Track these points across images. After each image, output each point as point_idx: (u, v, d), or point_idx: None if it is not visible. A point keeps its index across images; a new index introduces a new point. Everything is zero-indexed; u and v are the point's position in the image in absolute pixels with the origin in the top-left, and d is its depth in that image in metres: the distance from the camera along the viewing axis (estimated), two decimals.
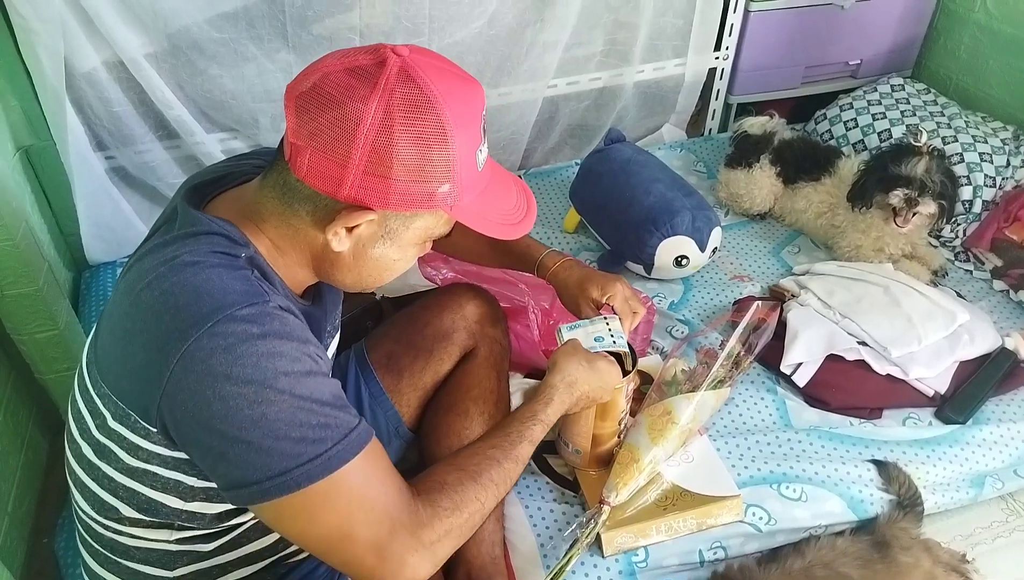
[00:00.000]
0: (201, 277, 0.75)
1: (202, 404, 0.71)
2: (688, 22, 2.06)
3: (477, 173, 0.83)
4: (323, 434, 0.74)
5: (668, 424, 1.22)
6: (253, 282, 0.77)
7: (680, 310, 1.65)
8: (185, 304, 0.73)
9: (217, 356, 0.71)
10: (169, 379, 0.72)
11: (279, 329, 0.75)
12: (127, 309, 0.78)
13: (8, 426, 1.40)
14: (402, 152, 0.76)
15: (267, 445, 0.72)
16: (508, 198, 0.90)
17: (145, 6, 1.55)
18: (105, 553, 0.89)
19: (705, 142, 2.22)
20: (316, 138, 0.76)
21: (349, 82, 0.76)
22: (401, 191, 0.78)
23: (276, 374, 0.73)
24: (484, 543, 1.13)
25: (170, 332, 0.72)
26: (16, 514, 1.35)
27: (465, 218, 0.84)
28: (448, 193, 0.80)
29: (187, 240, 0.79)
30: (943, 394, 1.43)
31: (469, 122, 0.80)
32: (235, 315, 0.73)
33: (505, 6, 1.84)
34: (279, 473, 0.72)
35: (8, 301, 1.31)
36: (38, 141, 1.61)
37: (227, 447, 0.72)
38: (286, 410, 0.73)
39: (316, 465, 0.73)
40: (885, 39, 2.22)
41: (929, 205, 1.60)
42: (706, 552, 1.19)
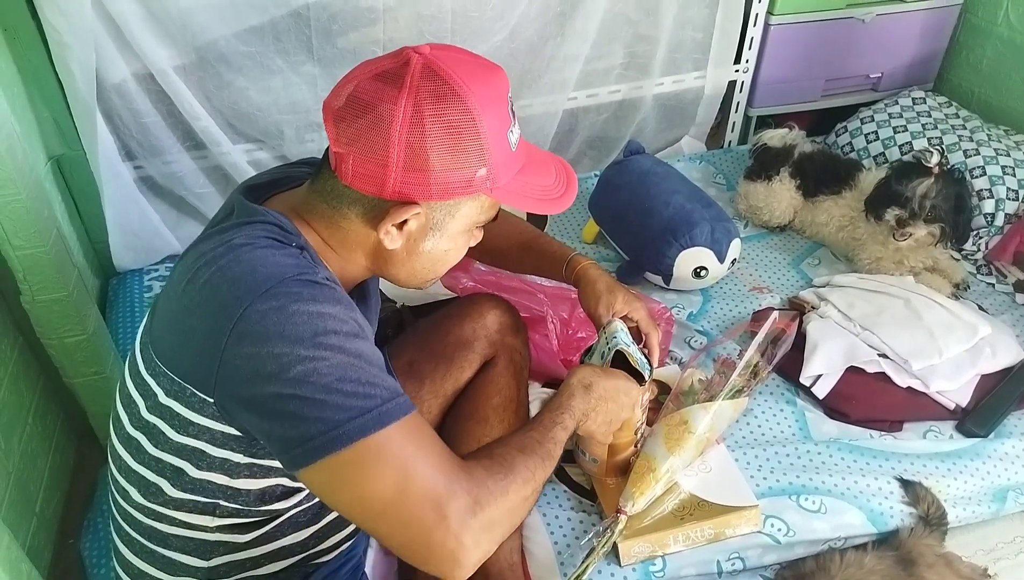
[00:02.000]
0: (255, 254, 0.79)
1: (257, 364, 0.74)
2: (708, 35, 2.07)
3: (511, 154, 0.87)
4: (373, 391, 0.76)
5: (685, 434, 1.22)
6: (305, 258, 0.82)
7: (698, 321, 1.65)
8: (241, 275, 0.77)
9: (271, 316, 0.74)
10: (227, 346, 0.75)
11: (328, 294, 0.79)
12: (184, 287, 0.81)
13: (37, 429, 1.43)
14: (435, 143, 0.80)
15: (320, 398, 0.73)
16: (547, 175, 0.93)
17: (174, 20, 1.58)
18: (142, 541, 0.91)
19: (724, 154, 2.22)
20: (355, 144, 0.81)
21: (378, 87, 0.81)
22: (441, 181, 0.82)
23: (326, 331, 0.76)
24: (502, 549, 1.13)
25: (227, 301, 0.76)
26: (44, 515, 1.38)
27: (505, 198, 0.87)
28: (486, 176, 0.84)
29: (243, 227, 0.83)
30: (964, 407, 1.42)
31: (495, 106, 0.83)
32: (285, 280, 0.77)
33: (527, 20, 1.86)
34: (332, 426, 0.73)
35: (39, 306, 1.34)
36: (69, 151, 1.65)
37: (282, 405, 0.74)
38: (337, 365, 0.75)
39: (369, 419, 0.74)
40: (906, 52, 2.22)
41: (920, 228, 1.61)
42: (724, 563, 1.19)
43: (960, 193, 1.64)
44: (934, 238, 1.64)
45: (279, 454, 0.77)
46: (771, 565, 1.23)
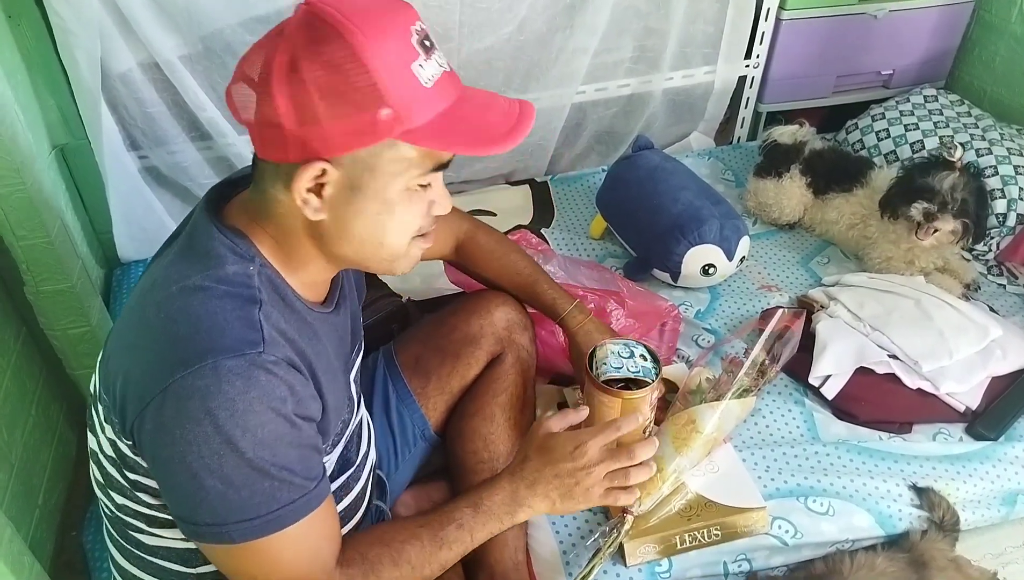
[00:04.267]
0: (205, 309, 0.75)
1: (168, 440, 0.73)
2: (719, 30, 2.05)
3: (424, 90, 0.75)
4: (271, 497, 0.76)
5: (692, 433, 1.21)
6: (255, 324, 0.76)
7: (706, 319, 1.63)
8: (182, 336, 0.74)
9: (195, 400, 0.72)
10: (149, 406, 0.74)
11: (263, 384, 0.74)
12: (135, 321, 0.80)
13: (40, 421, 1.43)
14: (318, 88, 0.72)
15: (218, 492, 0.74)
16: (491, 108, 0.81)
17: (180, 9, 1.57)
18: (130, 548, 0.90)
19: (734, 150, 2.20)
20: (247, 109, 0.75)
21: (257, 46, 0.76)
22: (339, 130, 0.73)
23: (243, 432, 0.73)
24: (507, 548, 1.13)
25: (161, 362, 0.74)
26: (46, 507, 1.37)
27: (422, 140, 0.76)
28: (392, 118, 0.73)
29: (198, 260, 0.79)
30: (974, 410, 1.41)
31: (391, 37, 0.73)
32: (221, 364, 0.72)
33: (535, 12, 1.84)
34: (219, 523, 0.75)
35: (43, 297, 1.34)
36: (73, 140, 1.64)
37: (178, 483, 0.75)
38: (243, 469, 0.74)
39: (254, 525, 0.76)
40: (918, 49, 2.20)
41: (948, 222, 1.58)
42: (731, 564, 1.18)
43: (980, 188, 1.62)
44: (956, 235, 1.62)
45: (173, 514, 0.80)
46: (778, 567, 1.22)
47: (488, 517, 0.92)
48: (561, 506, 0.95)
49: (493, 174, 2.09)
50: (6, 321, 1.39)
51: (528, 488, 0.93)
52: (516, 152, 2.04)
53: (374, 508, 1.11)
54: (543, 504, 0.94)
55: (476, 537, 0.92)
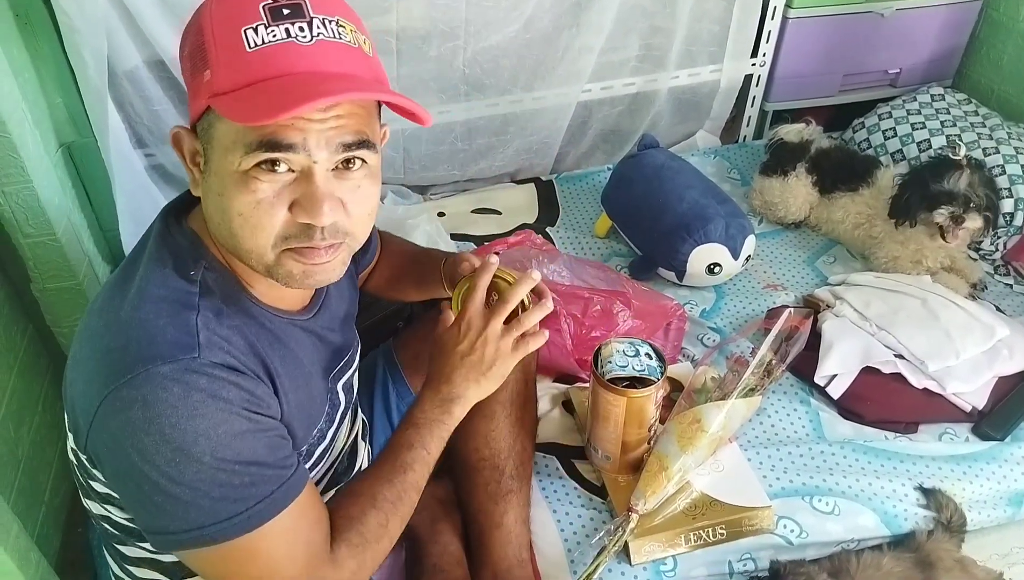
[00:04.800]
0: (138, 316, 0.72)
1: (122, 453, 0.70)
2: (725, 28, 2.04)
3: (245, 54, 0.68)
4: (245, 493, 0.73)
5: (698, 432, 1.21)
6: (191, 330, 0.72)
7: (712, 318, 1.63)
8: (116, 346, 0.71)
9: (136, 410, 0.69)
10: (95, 418, 0.71)
11: (205, 387, 0.70)
12: (82, 332, 0.78)
13: (46, 418, 1.43)
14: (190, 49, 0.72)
15: (185, 499, 0.71)
16: (306, 86, 0.68)
17: (186, 7, 1.55)
18: (117, 558, 0.90)
19: (740, 149, 2.20)
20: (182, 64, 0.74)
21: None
22: (190, 94, 0.72)
23: (195, 437, 0.69)
24: (511, 545, 1.13)
25: (100, 372, 0.71)
26: (52, 504, 1.38)
27: (221, 106, 0.68)
28: (210, 80, 0.69)
29: (144, 265, 0.77)
30: (981, 410, 1.40)
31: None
32: (154, 371, 0.69)
33: (541, 10, 1.84)
34: (196, 527, 0.72)
35: (49, 294, 1.34)
36: (80, 138, 1.64)
37: (145, 496, 0.71)
38: (205, 472, 0.70)
39: (234, 523, 0.72)
40: (925, 48, 2.19)
41: (976, 220, 1.58)
42: (736, 563, 1.18)
43: (991, 179, 1.62)
44: (979, 230, 1.61)
45: (142, 531, 0.76)
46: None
47: (430, 427, 0.92)
48: (487, 382, 0.93)
49: (498, 173, 2.09)
50: (13, 318, 1.40)
51: (446, 383, 0.93)
52: (521, 151, 2.04)
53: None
54: (470, 388, 0.93)
55: (431, 450, 0.91)
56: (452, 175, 2.05)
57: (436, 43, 1.80)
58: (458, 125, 1.96)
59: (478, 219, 1.92)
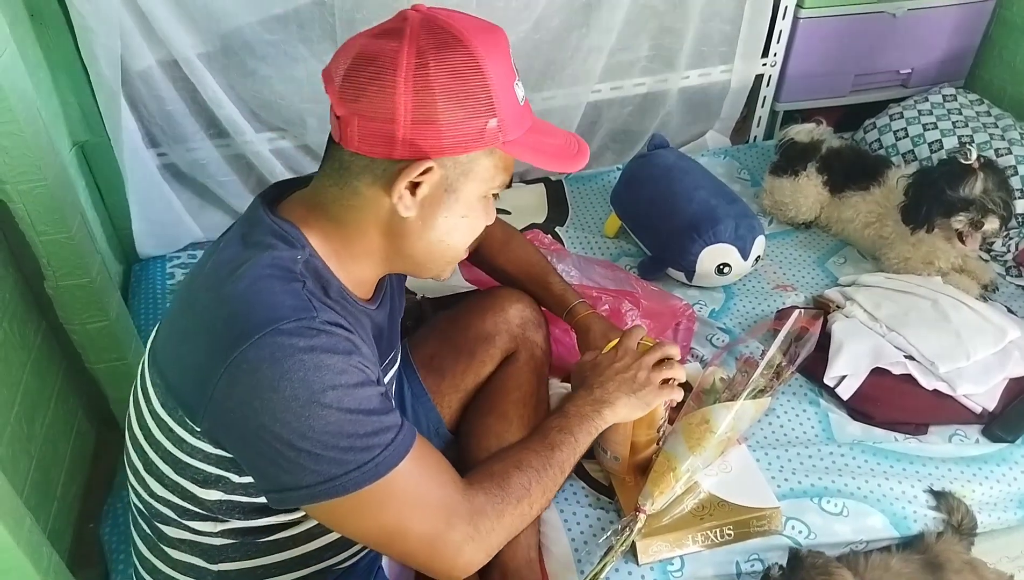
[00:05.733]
0: (253, 288, 0.77)
1: (249, 414, 0.73)
2: (736, 28, 2.04)
3: (519, 107, 0.83)
4: (371, 442, 0.76)
5: (706, 433, 1.21)
6: (303, 297, 0.78)
7: (721, 318, 1.63)
8: (236, 313, 0.76)
9: (264, 369, 0.73)
10: (216, 387, 0.74)
11: (325, 342, 0.75)
12: (187, 308, 0.81)
13: (59, 414, 1.44)
14: (442, 91, 0.76)
15: (316, 453, 0.74)
16: (557, 135, 0.89)
17: (199, 7, 1.58)
18: (154, 539, 0.91)
19: (750, 149, 2.19)
20: (359, 101, 0.77)
21: (378, 42, 0.78)
22: (451, 133, 0.78)
23: (323, 388, 0.74)
24: (520, 546, 1.13)
25: (220, 340, 0.75)
26: (64, 499, 1.39)
27: (519, 152, 0.83)
28: (497, 128, 0.80)
29: (247, 249, 0.81)
30: (991, 412, 1.40)
31: (499, 55, 0.80)
32: (281, 329, 0.74)
33: (551, 10, 1.84)
34: (328, 479, 0.75)
35: (62, 292, 1.35)
36: (93, 137, 1.66)
37: (275, 454, 0.74)
38: (333, 422, 0.74)
39: (365, 471, 0.76)
40: (937, 48, 2.18)
41: (994, 221, 1.57)
42: (743, 564, 1.18)
43: (1004, 179, 1.61)
44: (996, 231, 1.61)
45: (268, 492, 0.78)
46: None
47: (580, 419, 1.00)
48: (636, 401, 1.04)
49: None
50: (27, 315, 1.41)
51: (600, 388, 1.04)
52: None
53: None
54: (622, 400, 1.03)
55: (579, 438, 0.98)
56: None
57: None
58: None
59: None
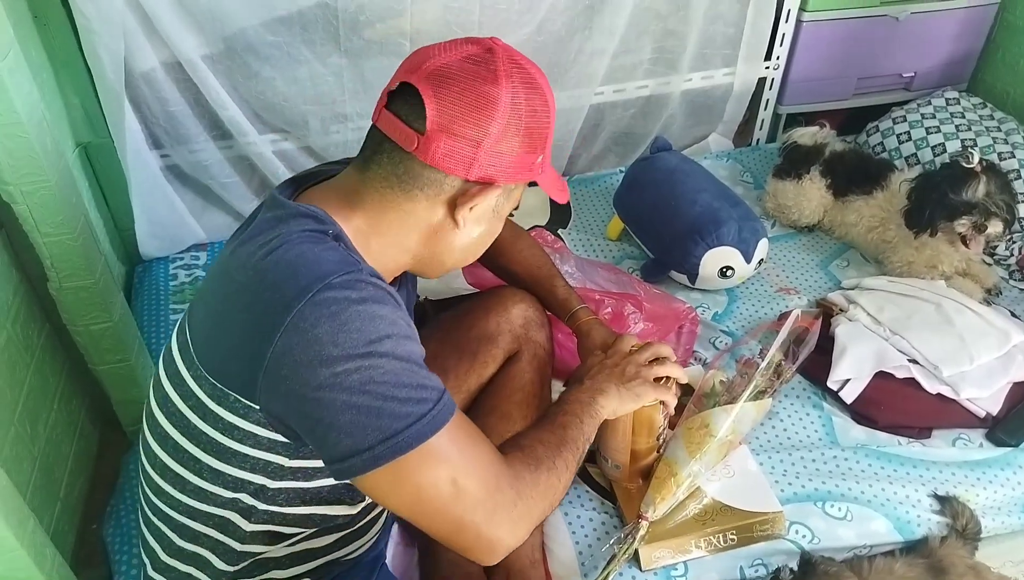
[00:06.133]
0: (293, 252, 0.78)
1: (310, 374, 0.73)
2: (739, 31, 2.04)
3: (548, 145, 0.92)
4: (425, 394, 0.77)
5: (706, 437, 1.21)
6: (342, 252, 0.80)
7: (724, 321, 1.63)
8: (283, 278, 0.76)
9: (322, 324, 0.73)
10: (272, 353, 0.73)
11: (375, 294, 0.78)
12: (225, 292, 0.81)
13: (62, 415, 1.44)
14: (525, 130, 0.84)
15: (377, 407, 0.74)
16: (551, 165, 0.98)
17: (203, 9, 1.58)
18: (171, 538, 0.91)
19: (752, 152, 2.19)
20: (455, 124, 0.81)
21: (473, 69, 0.82)
22: (518, 164, 0.86)
23: (380, 337, 0.75)
24: (524, 546, 1.13)
25: (271, 307, 0.75)
26: (68, 500, 1.39)
27: (546, 183, 0.93)
28: (541, 162, 0.89)
29: (275, 226, 0.81)
30: (995, 416, 1.39)
31: (553, 99, 0.89)
32: (333, 283, 0.75)
33: (554, 13, 1.84)
34: (392, 434, 0.74)
35: (66, 293, 1.35)
36: (96, 138, 1.66)
37: (337, 415, 0.73)
38: (391, 371, 0.75)
39: (425, 424, 0.76)
40: (940, 52, 2.17)
41: (997, 225, 1.57)
42: (747, 569, 1.18)
43: (1006, 182, 1.61)
44: (999, 234, 1.60)
45: (331, 462, 0.76)
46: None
47: (581, 405, 1.01)
48: (627, 392, 1.06)
49: None
50: (30, 316, 1.41)
51: (591, 379, 1.07)
52: None
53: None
54: (612, 388, 1.05)
55: (584, 421, 0.99)
56: None
57: None
58: None
59: None
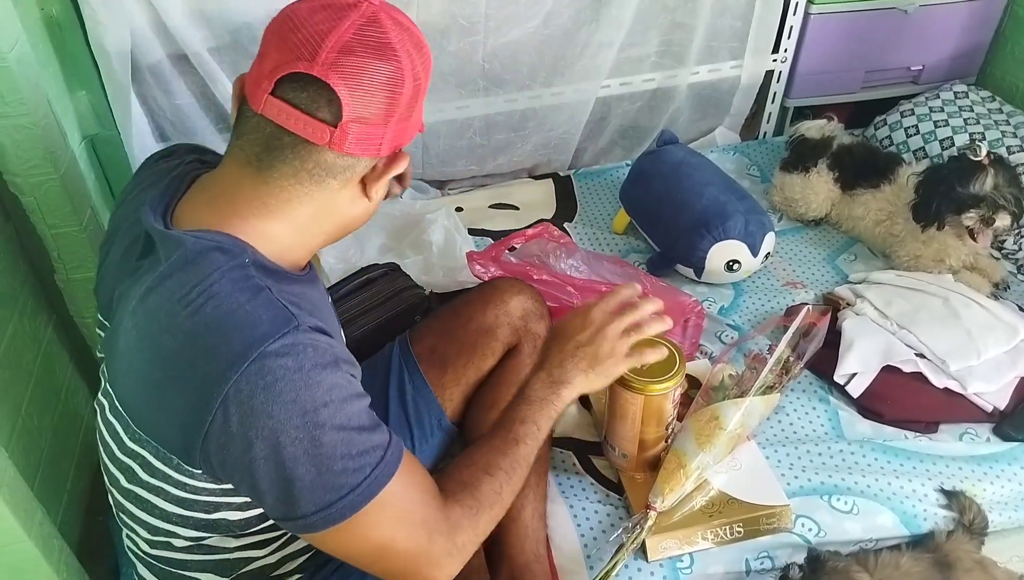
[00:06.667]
0: (223, 311, 0.73)
1: (246, 446, 0.72)
2: (746, 24, 2.03)
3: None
4: (363, 461, 0.75)
5: (716, 430, 1.21)
6: (278, 304, 0.75)
7: (730, 315, 1.62)
8: (215, 345, 0.72)
9: (258, 396, 0.70)
10: (211, 424, 0.71)
11: (314, 358, 0.74)
12: (151, 356, 0.76)
13: (68, 407, 1.45)
14: (420, 92, 0.82)
15: (310, 480, 0.73)
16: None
17: (209, 2, 1.58)
18: (159, 566, 0.91)
19: (759, 145, 2.19)
20: (366, 110, 0.77)
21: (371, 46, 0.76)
22: (415, 122, 0.84)
23: (316, 407, 0.72)
24: (528, 540, 1.13)
25: (206, 377, 0.71)
26: (74, 493, 1.39)
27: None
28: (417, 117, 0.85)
29: (187, 269, 0.75)
30: (1002, 410, 1.39)
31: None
32: (267, 351, 0.71)
33: (561, 6, 1.83)
34: (324, 506, 0.74)
35: (73, 285, 1.35)
36: (103, 131, 1.66)
37: (272, 485, 0.73)
38: (328, 442, 0.73)
39: (359, 494, 0.75)
40: (949, 45, 2.16)
41: (1005, 218, 1.56)
42: (753, 562, 1.18)
43: (1015, 176, 1.60)
44: (1007, 228, 1.60)
45: (273, 518, 0.79)
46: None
47: (540, 404, 0.97)
48: (595, 376, 1.00)
49: (516, 168, 2.09)
50: (37, 308, 1.41)
51: (559, 367, 1.00)
52: (540, 146, 2.04)
53: None
54: (579, 378, 0.99)
55: (541, 426, 0.96)
56: (470, 170, 2.05)
57: (455, 38, 1.80)
58: (476, 120, 1.96)
59: (496, 214, 1.92)
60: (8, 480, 1.00)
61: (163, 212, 0.81)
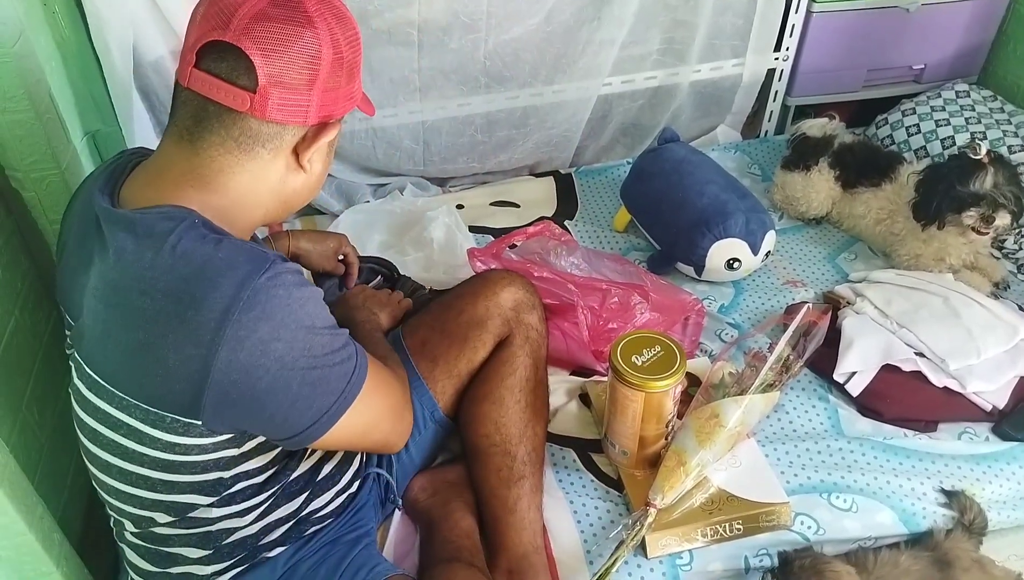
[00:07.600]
0: (197, 263, 0.77)
1: (261, 373, 0.77)
2: (748, 22, 2.03)
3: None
4: (349, 350, 0.87)
5: (716, 427, 1.21)
6: (245, 245, 0.81)
7: (730, 314, 1.63)
8: (203, 294, 0.75)
9: (262, 326, 0.76)
10: (215, 366, 0.75)
11: (293, 280, 0.81)
12: (128, 322, 0.78)
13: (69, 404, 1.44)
14: (347, 61, 0.84)
15: (324, 376, 0.82)
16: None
17: None
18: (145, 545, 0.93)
19: (761, 144, 2.19)
20: (284, 76, 0.80)
21: (285, 15, 0.80)
22: (346, 95, 0.87)
23: (311, 317, 0.81)
24: (525, 530, 1.13)
25: (201, 324, 0.75)
26: (75, 487, 1.40)
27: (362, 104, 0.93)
28: (359, 86, 0.90)
29: (143, 241, 0.78)
30: (1001, 409, 1.39)
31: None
32: (259, 285, 0.77)
33: (563, 3, 1.84)
34: (339, 393, 0.84)
35: None
36: (105, 126, 1.66)
37: (293, 398, 0.81)
38: (325, 342, 0.83)
39: (360, 370, 0.88)
40: (951, 44, 2.16)
41: (1005, 216, 1.56)
42: (752, 559, 1.18)
43: (1014, 173, 1.60)
44: (1008, 226, 1.60)
45: (290, 438, 0.84)
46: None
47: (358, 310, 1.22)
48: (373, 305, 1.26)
49: (517, 166, 2.09)
50: (38, 304, 1.42)
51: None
52: (541, 144, 2.04)
53: (373, 474, 1.13)
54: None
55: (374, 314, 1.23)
56: (471, 168, 2.05)
57: (457, 35, 1.80)
58: (478, 118, 1.96)
59: (496, 212, 1.93)
60: (9, 474, 1.00)
61: (110, 193, 0.85)
